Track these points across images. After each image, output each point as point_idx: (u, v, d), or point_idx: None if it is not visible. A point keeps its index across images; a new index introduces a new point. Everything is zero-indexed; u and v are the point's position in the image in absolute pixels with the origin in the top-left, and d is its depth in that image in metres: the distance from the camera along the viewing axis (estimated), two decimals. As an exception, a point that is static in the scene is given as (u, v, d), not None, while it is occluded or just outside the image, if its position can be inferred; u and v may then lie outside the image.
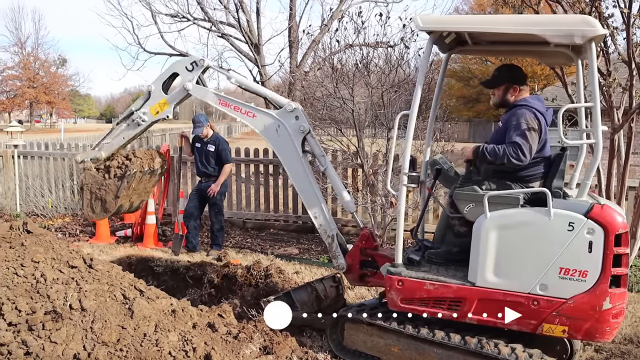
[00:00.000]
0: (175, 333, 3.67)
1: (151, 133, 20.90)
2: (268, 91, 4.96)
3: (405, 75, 7.05)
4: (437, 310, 3.73)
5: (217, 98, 4.73)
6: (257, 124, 4.64)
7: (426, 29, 3.65)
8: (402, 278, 3.80)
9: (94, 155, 5.03)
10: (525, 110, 3.79)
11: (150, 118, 4.92)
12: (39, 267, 3.58)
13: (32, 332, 3.21)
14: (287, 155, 4.56)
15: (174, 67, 4.86)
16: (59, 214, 9.71)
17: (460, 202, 3.77)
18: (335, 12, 11.42)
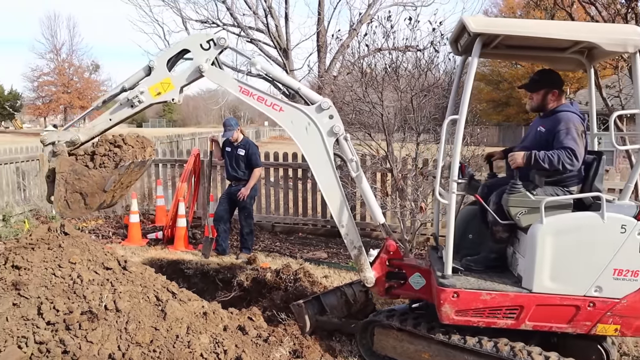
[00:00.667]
0: (206, 335, 3.72)
1: (181, 137, 21.20)
2: (300, 84, 4.33)
3: (435, 79, 7.00)
4: (493, 319, 3.68)
5: (238, 85, 4.12)
6: (284, 119, 4.12)
7: (479, 32, 3.57)
8: (457, 290, 3.67)
9: (69, 138, 4.15)
10: (571, 115, 3.81)
11: (149, 99, 4.13)
12: (75, 268, 3.67)
13: (69, 332, 3.29)
14: (316, 156, 4.14)
15: (186, 43, 4.18)
16: (92, 216, 9.90)
17: (512, 209, 3.72)
18: (363, 17, 11.43)
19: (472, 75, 3.68)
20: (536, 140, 3.96)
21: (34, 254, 3.67)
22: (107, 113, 4.22)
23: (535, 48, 4.10)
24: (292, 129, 4.11)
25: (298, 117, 4.09)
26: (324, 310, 4.66)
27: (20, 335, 3.20)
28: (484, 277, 3.86)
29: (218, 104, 31.16)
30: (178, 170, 9.74)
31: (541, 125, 3.98)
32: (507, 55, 4.64)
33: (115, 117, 4.20)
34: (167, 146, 17.63)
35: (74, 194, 4.03)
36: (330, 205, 4.25)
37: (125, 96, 4.11)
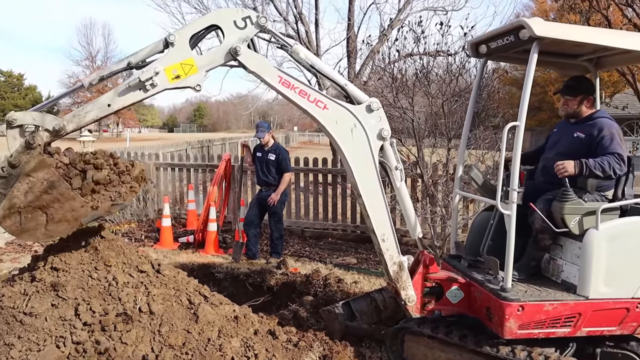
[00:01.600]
0: (237, 339, 3.75)
1: (212, 142, 21.47)
2: (346, 81, 3.80)
3: (466, 84, 6.94)
4: (552, 330, 3.63)
5: (278, 74, 3.55)
6: (327, 118, 3.64)
7: (542, 36, 3.44)
8: (522, 303, 3.55)
9: (52, 125, 3.25)
10: (610, 121, 3.84)
11: (164, 83, 3.34)
12: (111, 271, 3.74)
13: (104, 333, 3.36)
14: (360, 161, 3.71)
15: (216, 17, 3.46)
16: (125, 220, 10.09)
17: (568, 216, 3.66)
18: (394, 22, 11.42)
19: (529, 81, 3.56)
20: (575, 146, 3.92)
21: (71, 256, 3.75)
22: (105, 97, 3.35)
23: (547, 53, 4.09)
24: (336, 129, 3.66)
25: (344, 117, 3.65)
26: (353, 316, 4.65)
27: (59, 335, 3.28)
28: (535, 286, 3.80)
29: (248, 109, 31.39)
30: (209, 175, 9.86)
31: (579, 132, 3.94)
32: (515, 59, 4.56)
33: (117, 103, 3.35)
34: (198, 151, 17.87)
35: (35, 211, 3.07)
36: (372, 215, 3.83)
37: (136, 76, 3.29)
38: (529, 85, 3.59)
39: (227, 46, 3.42)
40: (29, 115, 3.26)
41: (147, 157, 10.73)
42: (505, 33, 3.80)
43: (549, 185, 3.92)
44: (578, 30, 3.68)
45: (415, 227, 4.09)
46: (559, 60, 4.25)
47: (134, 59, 3.40)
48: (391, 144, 3.79)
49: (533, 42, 3.51)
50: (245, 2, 12.43)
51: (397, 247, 3.90)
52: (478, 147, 7.01)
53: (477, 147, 7.04)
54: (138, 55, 3.42)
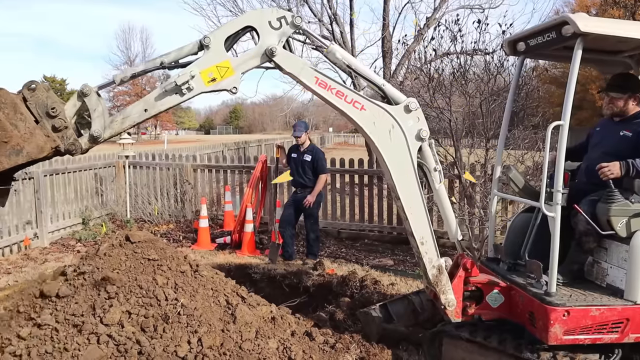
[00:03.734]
0: (274, 340, 3.76)
1: (248, 144, 21.67)
2: (384, 81, 3.73)
3: (505, 83, 6.81)
4: (598, 336, 3.51)
5: (315, 75, 3.47)
6: (364, 119, 3.56)
7: (586, 32, 3.33)
8: (568, 308, 3.46)
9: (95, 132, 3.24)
10: None
11: (201, 86, 3.29)
12: (151, 272, 3.80)
13: (144, 333, 3.42)
14: (398, 163, 3.63)
15: (250, 19, 3.39)
16: (163, 221, 10.28)
17: (614, 219, 3.55)
18: (430, 21, 11.29)
19: (574, 78, 3.44)
20: (622, 145, 3.79)
21: (112, 257, 3.83)
22: (142, 102, 3.35)
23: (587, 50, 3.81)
24: (374, 131, 3.57)
25: (382, 118, 3.56)
26: (390, 318, 4.61)
27: (101, 334, 3.35)
28: (579, 291, 3.70)
29: (283, 111, 31.53)
30: (245, 176, 9.95)
31: (625, 130, 3.81)
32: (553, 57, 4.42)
33: (154, 108, 3.33)
34: (234, 152, 18.06)
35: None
36: (410, 218, 3.74)
37: (172, 81, 3.25)
38: (573, 83, 3.45)
39: (262, 47, 3.37)
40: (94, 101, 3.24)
41: (184, 158, 10.91)
42: (546, 30, 3.67)
43: (593, 187, 3.79)
44: (624, 25, 3.55)
45: (454, 230, 4.03)
46: (599, 57, 4.09)
47: (166, 59, 3.36)
48: (430, 144, 3.72)
49: (577, 38, 3.39)
50: (279, 4, 12.50)
51: (436, 249, 3.82)
52: (517, 147, 6.87)
53: (516, 148, 6.90)
54: (170, 55, 3.38)
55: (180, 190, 10.51)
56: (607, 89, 4.01)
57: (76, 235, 9.19)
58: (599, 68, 4.38)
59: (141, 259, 3.92)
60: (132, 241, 4.05)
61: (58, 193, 9.16)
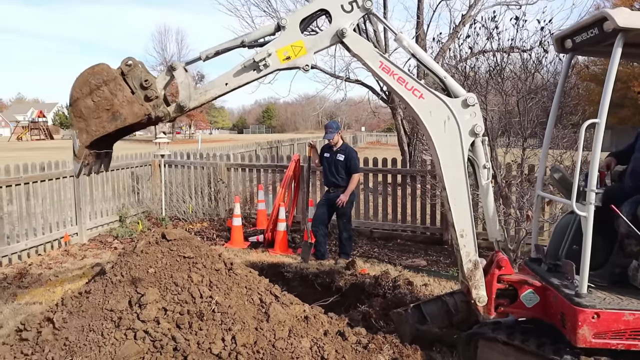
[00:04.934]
0: (307, 339, 3.76)
1: (280, 143, 21.77)
2: (445, 73, 3.82)
3: (543, 81, 6.65)
4: (634, 342, 3.38)
5: (380, 60, 3.62)
6: (422, 108, 3.66)
7: (626, 27, 3.23)
8: (597, 310, 3.38)
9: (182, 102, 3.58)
10: None
11: (277, 64, 3.56)
12: (186, 270, 3.85)
13: (180, 330, 3.47)
14: (449, 154, 3.72)
15: (324, 2, 3.57)
16: (197, 219, 10.42)
17: None
18: (465, 18, 11.13)
19: (612, 76, 3.34)
20: None
21: (149, 255, 3.90)
22: (223, 77, 3.63)
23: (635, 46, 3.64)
24: (429, 120, 3.68)
25: (439, 108, 3.66)
26: (424, 319, 4.55)
27: (138, 330, 3.41)
28: (617, 294, 3.56)
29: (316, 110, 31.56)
30: (278, 175, 10.00)
31: None
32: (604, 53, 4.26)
33: (233, 82, 3.60)
34: (267, 152, 18.17)
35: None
36: (454, 210, 3.83)
37: (251, 58, 3.52)
38: (612, 81, 3.36)
39: (334, 28, 3.54)
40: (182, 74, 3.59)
41: (218, 157, 11.02)
42: (588, 26, 3.56)
43: (638, 190, 3.67)
44: None
45: (494, 228, 4.04)
46: None
47: (247, 39, 3.63)
48: (483, 141, 3.76)
49: (617, 34, 3.28)
50: (313, 3, 12.52)
51: (475, 245, 3.85)
52: (555, 146, 6.71)
53: (555, 147, 6.74)
54: (251, 35, 3.66)
55: (214, 189, 10.63)
56: None
57: (113, 232, 9.40)
58: None
59: (177, 256, 3.97)
60: (168, 239, 4.11)
61: (96, 191, 9.38)
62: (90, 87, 3.29)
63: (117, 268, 3.89)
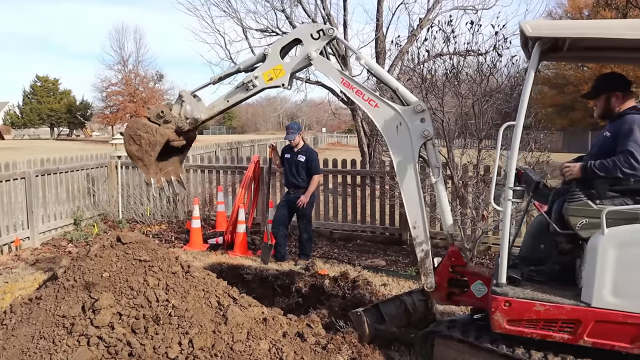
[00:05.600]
0: (266, 341, 3.75)
1: (240, 144, 21.63)
2: (399, 84, 4.36)
3: (497, 83, 6.82)
4: (548, 332, 3.53)
5: (341, 76, 4.28)
6: (377, 116, 4.20)
7: (536, 36, 3.45)
8: (509, 299, 3.57)
9: (195, 115, 4.55)
10: (636, 117, 3.57)
11: (262, 84, 4.40)
12: (142, 273, 3.78)
13: (135, 334, 3.40)
14: (401, 156, 4.19)
15: (298, 33, 4.41)
16: (156, 221, 10.24)
17: (572, 218, 3.55)
18: (423, 21, 11.31)
19: (530, 81, 3.55)
20: (604, 146, 3.76)
21: (103, 259, 3.81)
22: (224, 95, 4.55)
23: (617, 49, 3.86)
24: (384, 126, 4.21)
25: (391, 116, 4.17)
26: (382, 318, 4.61)
27: (91, 336, 3.33)
28: (543, 288, 3.70)
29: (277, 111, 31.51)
30: (238, 177, 9.93)
31: (607, 131, 3.79)
32: (584, 58, 4.44)
33: (231, 100, 4.52)
34: (227, 153, 18.02)
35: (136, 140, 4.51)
36: (406, 204, 4.28)
37: (241, 80, 4.41)
38: (529, 86, 3.55)
39: (304, 53, 4.29)
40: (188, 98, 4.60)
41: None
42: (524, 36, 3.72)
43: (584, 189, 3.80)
44: (574, 26, 3.55)
45: (448, 222, 4.31)
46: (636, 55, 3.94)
47: (242, 66, 4.53)
48: (433, 144, 4.18)
49: (535, 42, 3.51)
50: (273, 4, 12.50)
51: (427, 236, 4.23)
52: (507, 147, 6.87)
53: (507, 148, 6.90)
54: (246, 62, 4.53)
55: (172, 191, 10.46)
56: (585, 94, 4.02)
57: (68, 235, 9.15)
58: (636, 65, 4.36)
59: (132, 260, 3.90)
60: (123, 242, 4.03)
61: (49, 194, 9.11)
62: (132, 138, 4.48)
63: (70, 273, 3.80)
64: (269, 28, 12.75)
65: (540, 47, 3.54)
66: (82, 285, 3.63)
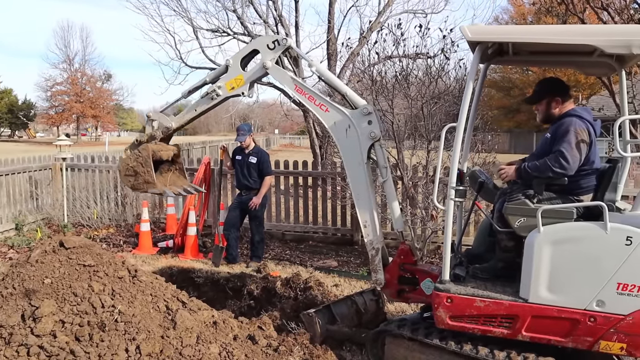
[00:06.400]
0: (216, 345, 3.70)
1: (192, 145, 21.32)
2: (347, 89, 4.59)
3: (445, 86, 6.97)
4: (488, 327, 3.64)
5: (294, 83, 4.51)
6: (327, 119, 4.41)
7: (475, 40, 3.58)
8: (451, 295, 3.68)
9: (166, 124, 4.80)
10: (574, 119, 3.71)
11: (225, 93, 4.68)
12: (86, 279, 3.66)
13: (79, 342, 3.29)
14: (351, 157, 4.36)
15: (255, 44, 4.67)
16: (103, 225, 9.96)
17: (511, 217, 3.67)
18: (373, 24, 11.43)
19: (470, 83, 3.66)
20: (543, 148, 3.91)
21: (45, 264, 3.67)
22: (193, 104, 4.83)
23: (559, 53, 4.03)
24: (334, 129, 4.40)
25: (340, 119, 4.35)
26: (334, 319, 4.63)
27: (31, 345, 3.20)
28: (486, 285, 3.82)
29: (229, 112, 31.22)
30: (189, 179, 9.73)
31: (548, 133, 3.95)
32: (530, 62, 4.59)
33: (198, 109, 4.79)
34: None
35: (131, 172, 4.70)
36: (356, 204, 4.43)
37: (206, 90, 4.70)
38: (470, 88, 3.66)
39: (261, 63, 4.54)
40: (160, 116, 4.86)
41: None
42: None
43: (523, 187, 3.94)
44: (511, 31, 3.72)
45: (397, 219, 4.42)
46: (577, 59, 4.10)
47: (209, 78, 4.78)
48: (380, 145, 4.32)
49: (475, 46, 3.63)
50: (224, 4, 12.36)
51: (376, 234, 4.35)
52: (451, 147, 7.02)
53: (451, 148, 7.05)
54: (211, 74, 4.81)
55: (121, 194, 10.21)
56: (526, 99, 4.18)
57: (9, 241, 8.76)
58: (581, 70, 4.51)
59: (76, 265, 3.77)
60: (66, 247, 3.90)
61: (-12, 197, 8.71)
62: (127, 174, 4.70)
63: (9, 280, 3.63)
64: (220, 28, 12.59)
65: (480, 51, 3.67)
66: (22, 292, 3.48)
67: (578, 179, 3.72)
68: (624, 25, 5.08)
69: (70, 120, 59.47)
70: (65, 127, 63.32)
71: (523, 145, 33.90)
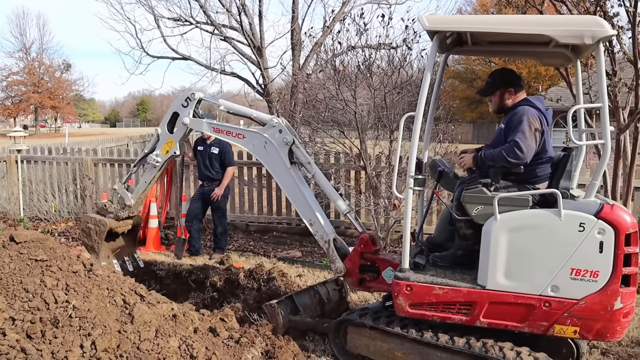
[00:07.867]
0: (175, 338, 3.63)
1: (155, 137, 20.90)
2: (252, 111, 5.14)
3: (408, 76, 6.99)
4: (447, 314, 3.69)
5: (212, 126, 4.98)
6: (247, 144, 4.80)
7: (432, 29, 3.60)
8: (410, 283, 3.72)
9: (126, 202, 5.36)
10: (526, 108, 3.78)
11: (163, 158, 5.20)
12: (38, 274, 3.54)
13: (31, 340, 3.17)
14: (276, 168, 4.67)
15: (172, 107, 5.17)
16: (62, 219, 9.70)
17: (468, 205, 3.71)
18: (337, 14, 11.38)
19: (428, 73, 3.69)
20: (498, 137, 3.98)
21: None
22: (143, 177, 5.40)
23: (518, 43, 4.07)
24: (254, 150, 4.78)
25: (256, 139, 4.73)
26: (297, 309, 4.62)
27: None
28: (445, 272, 3.87)
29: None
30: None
31: (502, 123, 4.01)
32: (489, 52, 4.64)
33: (147, 179, 5.34)
34: (139, 146, 17.37)
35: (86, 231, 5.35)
36: (296, 206, 4.73)
37: (149, 161, 5.26)
38: (428, 77, 3.69)
39: (180, 121, 5.09)
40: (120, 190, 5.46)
41: (84, 152, 10.31)
42: None
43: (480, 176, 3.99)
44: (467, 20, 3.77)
45: (340, 204, 4.62)
46: (534, 50, 4.15)
47: (147, 149, 5.32)
48: (296, 146, 4.60)
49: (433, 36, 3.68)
50: (185, -7, 12.11)
51: (324, 227, 4.55)
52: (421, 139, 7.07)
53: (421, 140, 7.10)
54: (148, 145, 5.37)
55: (80, 186, 9.95)
56: (479, 90, 4.23)
57: (-40, 236, 8.44)
58: (539, 60, 4.57)
59: (27, 260, 3.65)
60: (17, 241, 3.77)
61: (-62, 191, 8.36)
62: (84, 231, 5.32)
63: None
64: (182, 17, 12.32)
65: (439, 40, 3.70)
66: (-30, 288, 3.34)
67: (534, 168, 3.79)
68: (578, 16, 5.18)
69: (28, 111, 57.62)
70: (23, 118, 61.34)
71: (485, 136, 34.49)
